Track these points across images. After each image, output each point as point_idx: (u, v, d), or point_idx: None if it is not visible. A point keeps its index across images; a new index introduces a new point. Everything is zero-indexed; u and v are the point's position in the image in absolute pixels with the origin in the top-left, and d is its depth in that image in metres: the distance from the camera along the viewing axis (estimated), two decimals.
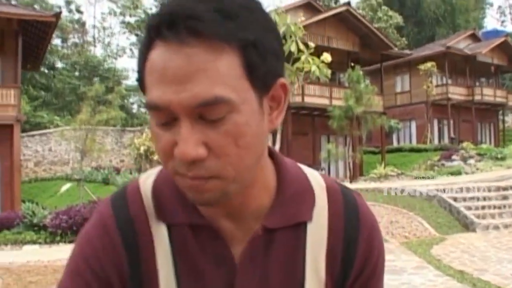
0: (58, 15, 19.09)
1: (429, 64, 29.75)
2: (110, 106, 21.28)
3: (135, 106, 47.35)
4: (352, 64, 24.91)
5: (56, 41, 41.34)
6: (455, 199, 13.82)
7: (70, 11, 48.30)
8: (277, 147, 15.06)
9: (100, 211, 0.89)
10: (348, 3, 26.58)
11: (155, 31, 0.70)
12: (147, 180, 0.90)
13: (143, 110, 45.82)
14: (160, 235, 0.86)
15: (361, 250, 0.89)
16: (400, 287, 7.51)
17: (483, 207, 13.70)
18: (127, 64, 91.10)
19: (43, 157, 30.73)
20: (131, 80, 49.81)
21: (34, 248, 12.58)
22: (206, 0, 0.70)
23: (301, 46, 16.58)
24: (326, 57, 17.71)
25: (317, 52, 18.26)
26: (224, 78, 0.69)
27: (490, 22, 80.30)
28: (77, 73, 43.66)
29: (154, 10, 48.88)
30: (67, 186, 25.31)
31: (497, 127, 37.66)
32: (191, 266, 0.85)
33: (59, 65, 45.53)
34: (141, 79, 0.75)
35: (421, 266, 8.90)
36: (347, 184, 10.62)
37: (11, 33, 19.06)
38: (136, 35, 50.14)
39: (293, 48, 15.17)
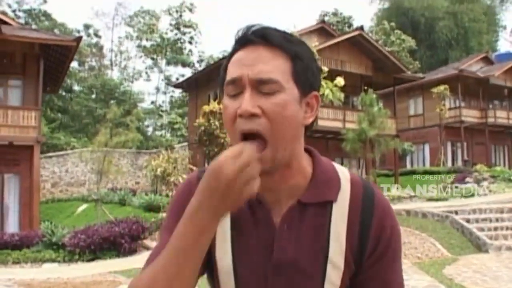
0: (78, 39, 19.58)
1: (442, 87, 29.69)
2: (128, 128, 21.58)
3: (150, 129, 47.76)
4: (365, 88, 25.04)
5: (73, 64, 41.95)
6: (467, 221, 13.86)
7: (88, 35, 49.17)
8: None
9: (188, 178, 1.25)
10: (361, 28, 26.78)
11: (243, 38, 1.10)
12: None
13: (158, 133, 46.28)
14: None
15: (374, 227, 1.15)
16: None
17: (495, 228, 13.73)
18: (143, 87, 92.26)
19: (60, 178, 31.04)
20: (147, 103, 50.39)
21: (54, 266, 12.82)
22: (273, 28, 1.11)
23: None
24: (340, 81, 18.03)
25: (331, 76, 18.59)
26: (278, 69, 1.07)
27: (504, 45, 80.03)
28: (93, 96, 44.16)
29: (169, 34, 49.62)
30: (83, 207, 25.52)
31: (511, 150, 37.49)
32: (241, 225, 1.16)
33: (76, 87, 46.14)
34: (222, 82, 1.13)
35: (432, 285, 9.01)
36: None
37: (33, 57, 19.54)
38: (152, 58, 50.73)
39: None
